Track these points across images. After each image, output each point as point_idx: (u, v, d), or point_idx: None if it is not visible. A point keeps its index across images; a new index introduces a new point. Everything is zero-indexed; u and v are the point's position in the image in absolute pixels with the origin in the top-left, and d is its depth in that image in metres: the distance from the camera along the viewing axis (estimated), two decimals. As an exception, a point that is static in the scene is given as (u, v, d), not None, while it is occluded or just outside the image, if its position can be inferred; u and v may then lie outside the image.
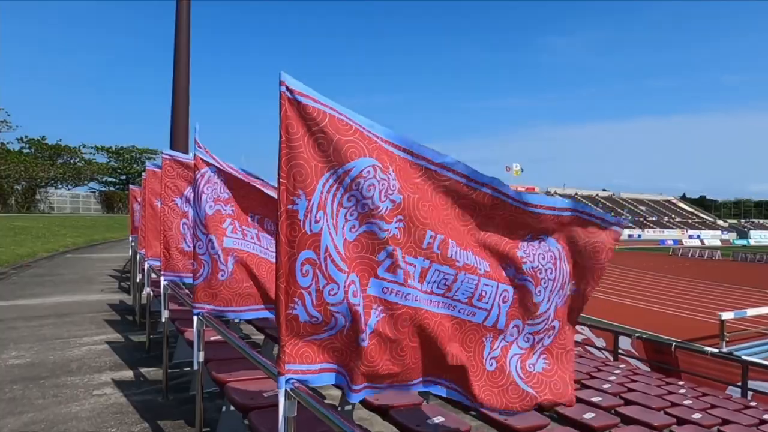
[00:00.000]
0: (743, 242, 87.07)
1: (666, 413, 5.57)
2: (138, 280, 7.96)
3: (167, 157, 4.83)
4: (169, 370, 4.95)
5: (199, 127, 3.89)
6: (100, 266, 14.79)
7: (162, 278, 4.69)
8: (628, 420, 4.78)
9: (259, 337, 6.68)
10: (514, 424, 3.66)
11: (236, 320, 6.03)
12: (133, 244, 10.26)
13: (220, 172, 3.29)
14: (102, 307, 8.89)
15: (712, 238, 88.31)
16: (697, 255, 55.83)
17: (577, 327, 10.78)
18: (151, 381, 5.15)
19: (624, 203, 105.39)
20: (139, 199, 8.94)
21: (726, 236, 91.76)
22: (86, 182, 61.09)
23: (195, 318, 3.26)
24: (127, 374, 5.32)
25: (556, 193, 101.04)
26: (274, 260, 3.03)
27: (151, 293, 6.17)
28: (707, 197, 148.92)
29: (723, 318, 14.93)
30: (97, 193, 59.51)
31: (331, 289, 1.90)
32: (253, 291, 3.29)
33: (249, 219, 3.30)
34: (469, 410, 4.49)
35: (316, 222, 1.89)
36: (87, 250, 19.83)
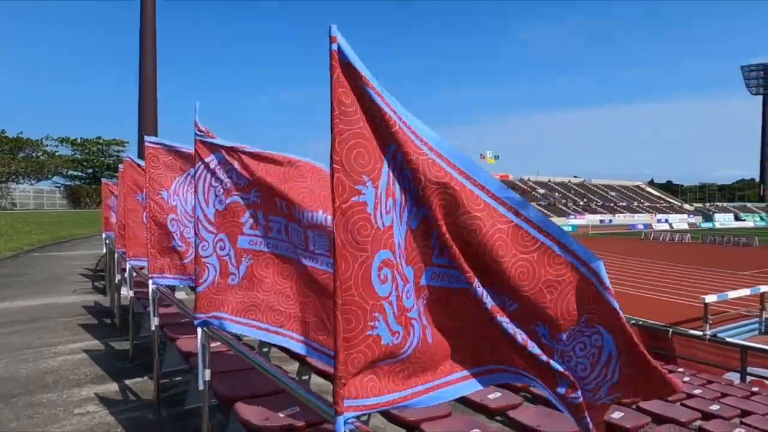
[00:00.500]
0: (709, 225, 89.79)
1: (684, 405, 5.42)
2: (117, 281, 7.38)
3: (151, 144, 4.30)
4: (159, 381, 4.46)
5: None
6: (70, 265, 13.97)
7: (150, 281, 4.18)
8: (658, 418, 4.54)
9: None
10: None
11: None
12: (107, 241, 9.61)
13: (232, 156, 2.80)
14: (76, 309, 8.25)
15: (679, 221, 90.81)
16: (667, 239, 57.14)
17: None
18: (139, 395, 4.65)
19: (595, 189, 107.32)
20: (115, 193, 8.30)
21: (692, 220, 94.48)
22: (50, 176, 58.59)
23: (199, 331, 2.80)
24: (111, 388, 4.80)
25: (529, 180, 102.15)
26: (306, 262, 2.60)
27: (134, 296, 5.63)
28: (673, 182, 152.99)
29: (707, 301, 15.06)
30: (62, 188, 57.14)
31: (407, 293, 1.62)
32: (268, 304, 2.78)
33: (276, 206, 2.75)
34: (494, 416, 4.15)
35: (387, 213, 1.54)
36: (54, 248, 18.81)
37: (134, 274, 5.60)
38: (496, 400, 3.85)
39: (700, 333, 10.53)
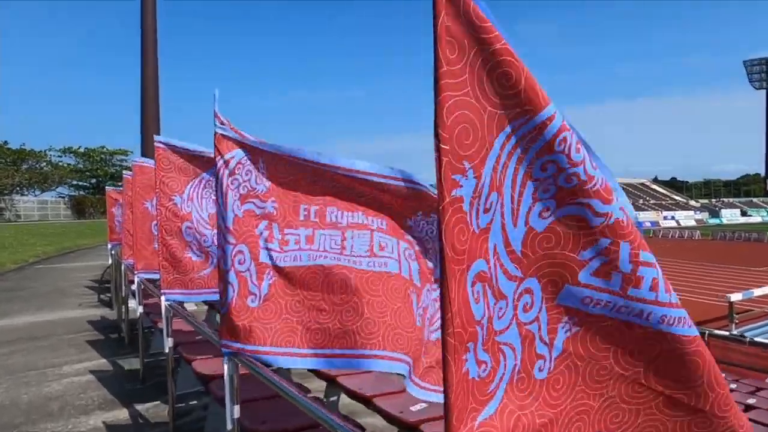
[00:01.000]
0: (716, 221, 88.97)
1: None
2: (123, 294, 6.97)
3: (161, 145, 3.89)
4: (175, 405, 4.04)
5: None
6: (75, 276, 13.58)
7: (162, 298, 3.75)
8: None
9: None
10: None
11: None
12: (113, 252, 9.21)
13: (255, 155, 2.38)
14: (81, 325, 7.84)
15: (686, 218, 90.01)
16: (677, 236, 56.49)
17: None
18: (153, 422, 4.22)
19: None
20: (120, 201, 7.90)
21: (699, 216, 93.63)
22: (54, 187, 58.40)
23: (226, 363, 2.36)
24: (121, 415, 4.38)
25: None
26: (340, 262, 2.20)
27: (143, 311, 5.21)
28: (678, 179, 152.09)
29: (732, 299, 14.53)
30: (66, 199, 56.93)
31: (499, 310, 1.22)
32: (305, 325, 2.31)
33: (300, 215, 2.32)
34: None
35: (486, 212, 1.14)
36: (59, 260, 18.45)
37: (143, 287, 5.18)
38: None
39: (737, 333, 10.01)
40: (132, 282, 7.39)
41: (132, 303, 6.82)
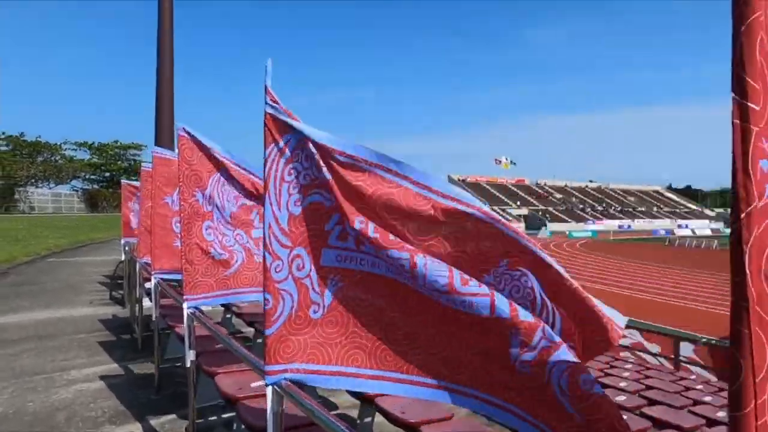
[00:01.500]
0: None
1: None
2: (137, 294, 6.59)
3: (185, 134, 3.48)
4: (195, 422, 3.63)
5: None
6: (87, 271, 13.29)
7: (185, 305, 3.33)
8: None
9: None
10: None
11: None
12: (127, 248, 8.85)
13: (307, 142, 1.95)
14: (92, 324, 7.48)
15: (701, 227, 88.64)
16: (693, 245, 55.42)
17: (626, 331, 9.50)
18: (170, 440, 3.81)
19: (613, 194, 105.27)
20: (137, 195, 7.54)
21: (714, 225, 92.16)
22: (68, 180, 58.69)
23: (270, 394, 1.93)
24: (135, 429, 3.97)
25: (546, 184, 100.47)
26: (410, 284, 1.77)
27: (159, 314, 4.82)
28: (693, 187, 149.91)
29: None
30: (80, 192, 57.15)
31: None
32: (374, 342, 1.90)
33: (358, 215, 1.86)
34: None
35: None
36: (71, 253, 18.23)
37: (160, 288, 4.78)
38: None
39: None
40: (147, 280, 7.04)
41: (146, 302, 6.45)
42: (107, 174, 62.49)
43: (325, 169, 1.88)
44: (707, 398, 6.18)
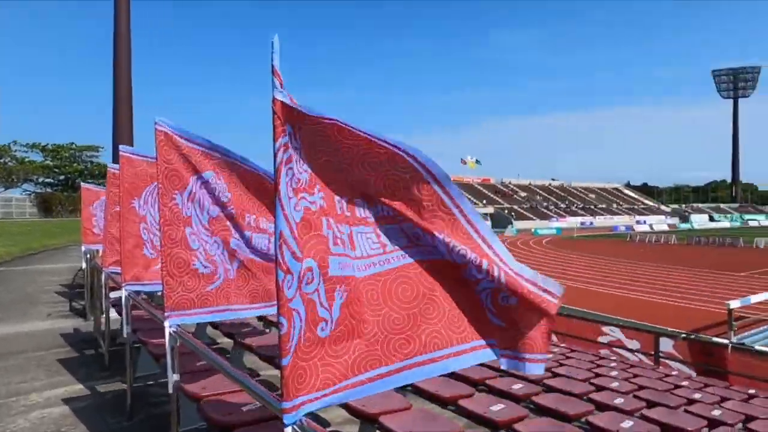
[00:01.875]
0: (687, 226, 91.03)
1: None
2: (104, 305, 6.08)
3: (163, 128, 3.08)
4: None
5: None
6: (43, 281, 12.44)
7: (166, 323, 2.93)
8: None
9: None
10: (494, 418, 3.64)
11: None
12: (88, 255, 8.25)
13: (321, 127, 1.65)
14: (52, 339, 6.88)
15: (658, 222, 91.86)
16: (654, 240, 57.23)
17: (605, 328, 9.46)
18: (148, 475, 3.40)
19: (575, 192, 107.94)
20: (100, 199, 7.00)
21: (670, 221, 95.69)
22: (19, 184, 55.75)
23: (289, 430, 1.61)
24: (107, 463, 3.54)
25: (510, 183, 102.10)
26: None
27: (129, 329, 4.37)
28: (649, 184, 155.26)
29: (731, 307, 14.28)
30: (32, 196, 54.37)
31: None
32: (386, 342, 1.68)
33: (360, 212, 1.77)
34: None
35: None
36: (24, 261, 17.13)
37: (132, 301, 4.34)
38: (500, 412, 3.76)
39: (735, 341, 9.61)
40: (114, 289, 6.51)
41: (112, 314, 5.95)
42: (62, 177, 59.72)
43: (305, 168, 1.69)
44: (696, 395, 6.21)
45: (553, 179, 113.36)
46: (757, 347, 9.23)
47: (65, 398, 4.70)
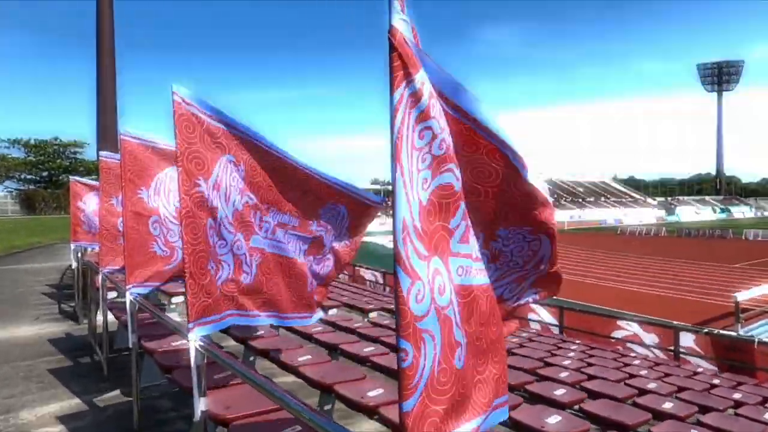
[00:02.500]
0: (674, 218, 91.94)
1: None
2: (101, 308, 5.54)
3: (182, 98, 2.56)
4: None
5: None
6: (29, 281, 11.78)
7: (191, 335, 2.42)
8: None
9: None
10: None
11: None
12: (78, 253, 7.66)
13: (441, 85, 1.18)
14: (41, 346, 6.31)
15: (646, 215, 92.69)
16: (644, 233, 57.45)
17: (622, 323, 9.06)
18: None
19: (564, 186, 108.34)
20: (89, 195, 6.43)
21: (657, 213, 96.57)
22: (1, 181, 54.30)
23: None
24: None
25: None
26: None
27: (136, 340, 3.85)
28: (635, 177, 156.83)
29: (738, 299, 14.07)
30: (14, 193, 52.90)
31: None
32: None
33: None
34: None
35: None
36: (9, 260, 16.37)
37: (136, 306, 3.81)
38: (557, 425, 3.55)
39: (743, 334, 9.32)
40: (111, 289, 5.96)
41: (110, 316, 5.42)
42: (45, 173, 58.23)
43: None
44: (736, 395, 5.88)
45: (540, 173, 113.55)
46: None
47: (60, 416, 4.16)
